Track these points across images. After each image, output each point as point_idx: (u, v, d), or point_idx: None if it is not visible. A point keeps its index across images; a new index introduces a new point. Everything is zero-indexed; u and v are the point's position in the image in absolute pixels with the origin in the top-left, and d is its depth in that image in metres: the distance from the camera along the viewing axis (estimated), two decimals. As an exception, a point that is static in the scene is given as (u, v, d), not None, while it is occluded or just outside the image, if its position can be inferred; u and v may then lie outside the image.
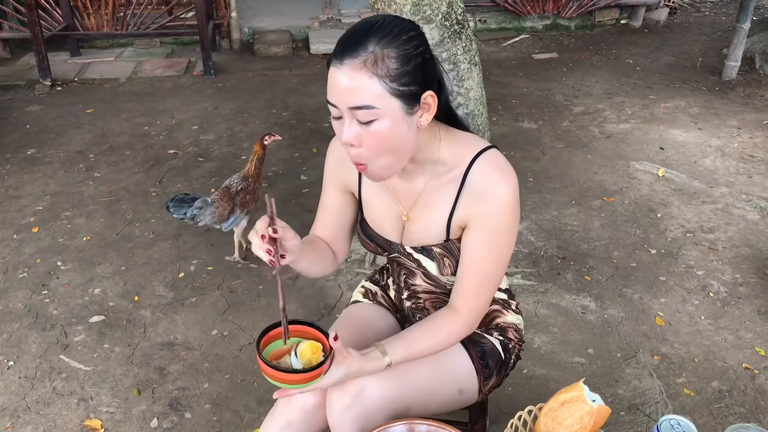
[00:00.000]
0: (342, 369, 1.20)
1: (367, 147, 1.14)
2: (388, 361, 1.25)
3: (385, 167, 1.18)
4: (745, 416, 2.07)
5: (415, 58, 1.12)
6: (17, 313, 2.57)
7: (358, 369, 1.22)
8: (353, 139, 1.13)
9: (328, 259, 1.42)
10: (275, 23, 6.31)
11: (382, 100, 1.10)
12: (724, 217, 3.22)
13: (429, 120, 1.18)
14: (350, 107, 1.11)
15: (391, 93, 1.10)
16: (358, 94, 1.09)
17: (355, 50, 1.09)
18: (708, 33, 6.36)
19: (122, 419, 2.09)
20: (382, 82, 1.09)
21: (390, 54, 1.09)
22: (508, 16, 6.48)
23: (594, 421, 1.19)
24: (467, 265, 1.29)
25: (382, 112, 1.11)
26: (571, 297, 2.65)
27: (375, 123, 1.11)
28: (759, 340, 2.41)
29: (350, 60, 1.09)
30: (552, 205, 3.33)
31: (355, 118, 1.12)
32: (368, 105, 1.10)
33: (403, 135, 1.15)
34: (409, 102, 1.13)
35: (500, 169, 1.24)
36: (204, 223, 2.70)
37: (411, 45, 1.12)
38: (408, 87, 1.11)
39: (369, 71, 1.08)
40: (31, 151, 3.97)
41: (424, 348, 1.30)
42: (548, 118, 4.44)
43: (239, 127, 4.33)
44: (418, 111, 1.15)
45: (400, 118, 1.13)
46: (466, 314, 1.31)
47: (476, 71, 2.53)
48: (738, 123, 4.32)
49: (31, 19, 4.85)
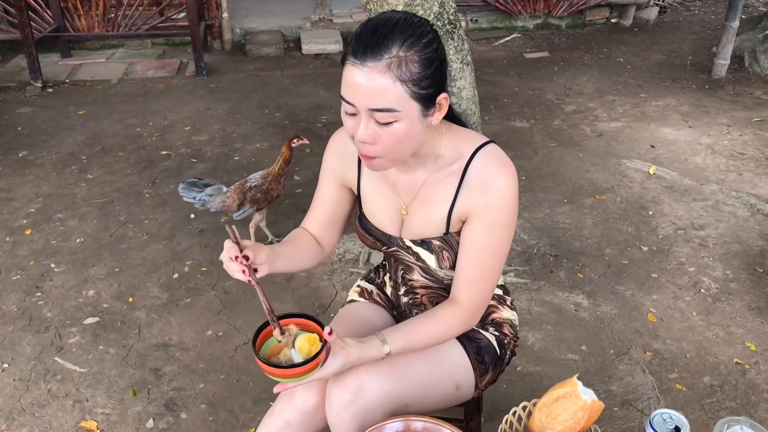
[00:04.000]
0: (340, 358, 1.20)
1: (383, 145, 1.16)
2: (387, 350, 1.26)
3: (392, 161, 1.21)
4: (736, 410, 2.09)
5: (435, 61, 1.14)
6: (11, 316, 2.56)
7: (357, 356, 1.23)
8: (369, 138, 1.15)
9: (311, 253, 1.43)
10: (267, 24, 6.30)
11: (403, 103, 1.12)
12: (714, 214, 3.25)
13: (440, 119, 1.21)
14: (370, 108, 1.12)
15: (411, 96, 1.12)
16: (380, 96, 1.11)
17: (379, 51, 1.09)
18: (697, 31, 6.40)
19: (118, 420, 2.09)
20: (405, 86, 1.11)
21: (413, 58, 1.11)
22: (499, 15, 6.49)
23: (588, 416, 1.20)
24: (467, 257, 1.30)
25: (402, 114, 1.13)
26: (564, 294, 2.67)
27: (394, 124, 1.13)
28: (749, 336, 2.43)
29: (373, 62, 1.09)
30: (544, 204, 3.35)
31: (374, 118, 1.13)
32: (390, 108, 1.12)
33: (418, 134, 1.18)
34: (427, 104, 1.15)
35: (500, 162, 1.26)
36: (213, 210, 2.76)
37: (431, 48, 1.13)
38: (427, 90, 1.14)
39: (393, 75, 1.10)
40: (23, 153, 3.96)
41: (424, 339, 1.31)
42: (540, 117, 4.46)
43: (232, 127, 4.33)
44: (433, 111, 1.18)
45: (417, 119, 1.15)
46: (467, 307, 1.33)
47: (468, 71, 2.54)
48: (728, 121, 4.36)
49: (21, 21, 4.83)
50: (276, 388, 1.22)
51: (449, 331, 1.34)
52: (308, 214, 1.47)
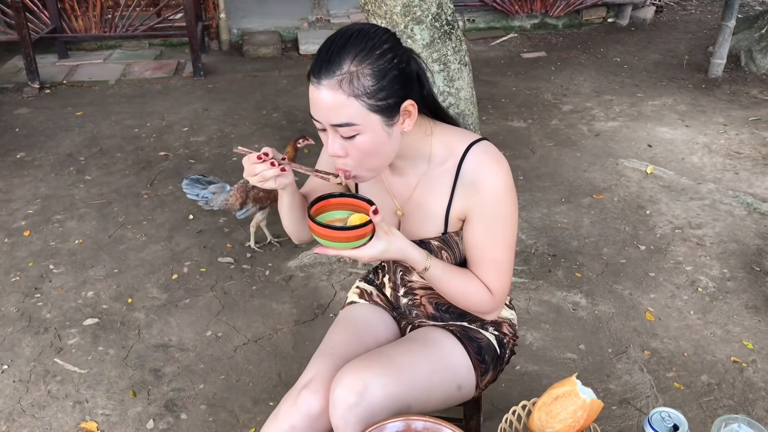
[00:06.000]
0: (383, 242, 1.20)
1: (353, 157, 1.19)
2: (428, 265, 1.28)
3: (369, 171, 1.22)
4: (734, 408, 2.11)
5: (391, 71, 1.14)
6: (10, 317, 2.57)
7: (400, 249, 1.23)
8: (339, 151, 1.18)
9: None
10: (264, 24, 6.30)
11: (361, 117, 1.13)
12: (711, 213, 3.26)
13: (412, 124, 1.21)
14: (332, 124, 1.15)
15: (369, 109, 1.13)
16: (337, 112, 1.13)
17: (331, 69, 1.12)
18: (694, 31, 6.42)
19: (118, 421, 2.09)
20: (359, 100, 1.12)
21: (365, 71, 1.12)
22: (496, 15, 6.50)
23: (587, 415, 1.21)
24: (476, 255, 1.32)
25: (362, 127, 1.14)
26: (562, 294, 2.68)
27: (357, 137, 1.15)
28: (747, 334, 2.45)
29: (327, 80, 1.12)
30: (542, 203, 3.36)
31: (338, 133, 1.16)
32: (348, 123, 1.14)
33: (386, 143, 1.19)
34: (389, 114, 1.16)
35: (492, 158, 1.28)
36: (216, 208, 2.77)
37: (385, 59, 1.14)
38: (386, 101, 1.14)
39: (345, 91, 1.11)
40: (21, 154, 3.96)
41: (457, 285, 1.33)
42: (537, 117, 4.47)
43: (229, 128, 4.33)
44: (398, 119, 1.19)
45: (381, 130, 1.17)
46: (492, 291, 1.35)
47: (466, 71, 2.55)
48: (724, 120, 4.37)
49: (18, 22, 4.83)
50: (316, 249, 1.21)
51: (476, 298, 1.35)
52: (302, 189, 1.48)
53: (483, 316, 1.41)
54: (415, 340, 1.42)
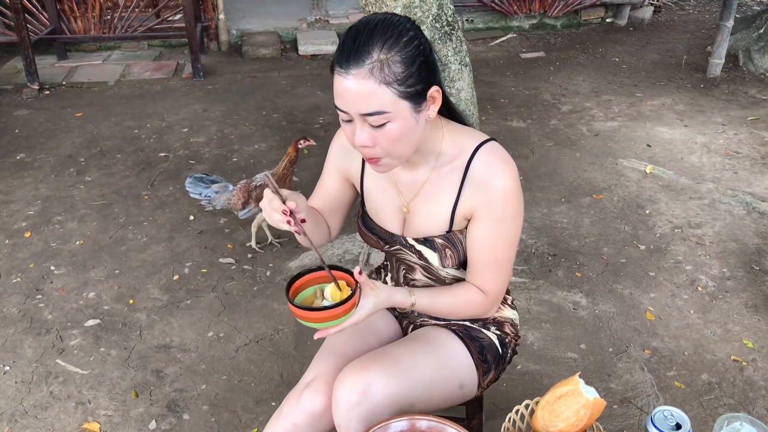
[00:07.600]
0: (371, 299, 1.23)
1: (381, 146, 1.19)
2: (413, 300, 1.31)
3: (396, 159, 1.23)
4: (734, 407, 2.11)
5: (418, 58, 1.15)
6: (12, 318, 2.57)
7: (386, 298, 1.26)
8: (367, 142, 1.18)
9: (326, 228, 1.46)
10: (263, 25, 6.31)
11: (392, 104, 1.14)
12: (710, 212, 3.27)
13: (436, 111, 1.22)
14: (361, 113, 1.14)
15: (399, 96, 1.14)
16: (368, 101, 1.13)
17: (360, 58, 1.11)
18: (692, 31, 6.44)
19: (120, 422, 2.10)
20: (390, 87, 1.12)
21: (395, 58, 1.12)
22: (495, 15, 6.51)
23: (590, 414, 1.22)
24: (479, 254, 1.33)
25: (393, 115, 1.15)
26: (563, 293, 2.69)
27: (387, 125, 1.16)
28: (746, 333, 2.46)
29: (357, 69, 1.11)
30: (542, 203, 3.37)
31: (367, 122, 1.15)
32: (379, 111, 1.14)
33: (414, 130, 1.20)
34: (417, 100, 1.17)
35: (502, 159, 1.29)
36: (219, 207, 2.77)
37: (413, 45, 1.15)
38: (414, 87, 1.15)
39: (377, 79, 1.11)
40: (21, 155, 3.96)
41: (447, 305, 1.35)
42: (537, 117, 4.48)
43: (229, 129, 4.33)
44: (425, 106, 1.20)
45: (410, 117, 1.17)
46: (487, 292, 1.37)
47: (467, 72, 2.56)
48: (723, 119, 4.39)
49: (17, 23, 4.83)
50: (317, 334, 1.23)
51: (470, 307, 1.37)
52: (312, 196, 1.49)
53: (480, 316, 1.43)
54: (418, 340, 1.43)
